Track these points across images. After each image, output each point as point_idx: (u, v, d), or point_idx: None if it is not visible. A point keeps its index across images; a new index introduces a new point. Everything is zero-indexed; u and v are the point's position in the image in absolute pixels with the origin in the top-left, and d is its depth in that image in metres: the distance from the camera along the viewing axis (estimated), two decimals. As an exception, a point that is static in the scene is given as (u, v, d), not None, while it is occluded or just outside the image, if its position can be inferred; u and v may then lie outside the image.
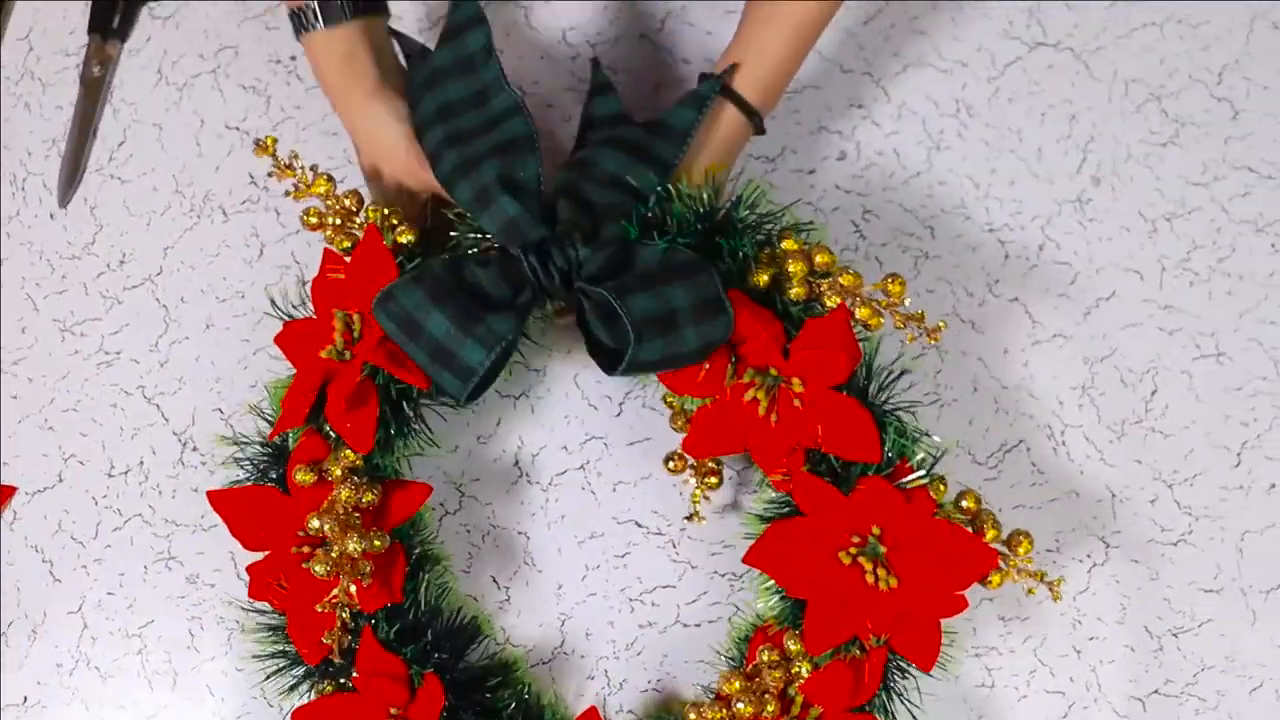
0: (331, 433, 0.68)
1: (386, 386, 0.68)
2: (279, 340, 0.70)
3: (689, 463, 0.75)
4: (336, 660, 0.66)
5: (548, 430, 0.79)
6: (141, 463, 0.79)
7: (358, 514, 0.66)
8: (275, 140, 0.70)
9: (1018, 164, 0.82)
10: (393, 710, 0.66)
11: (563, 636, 0.76)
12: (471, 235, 0.71)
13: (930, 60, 0.84)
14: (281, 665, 0.69)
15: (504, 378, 0.76)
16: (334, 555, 0.64)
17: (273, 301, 0.74)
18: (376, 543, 0.65)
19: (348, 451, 0.67)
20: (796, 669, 0.65)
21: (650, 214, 0.69)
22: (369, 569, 0.65)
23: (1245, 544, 0.76)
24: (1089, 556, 0.76)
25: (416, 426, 0.71)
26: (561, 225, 0.67)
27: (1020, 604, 0.75)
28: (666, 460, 0.75)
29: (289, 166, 0.71)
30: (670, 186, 0.69)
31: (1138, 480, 0.77)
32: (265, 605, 0.69)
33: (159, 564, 0.77)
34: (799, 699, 0.66)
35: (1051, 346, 0.79)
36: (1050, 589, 0.64)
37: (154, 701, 0.75)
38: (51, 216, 0.84)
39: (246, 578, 0.68)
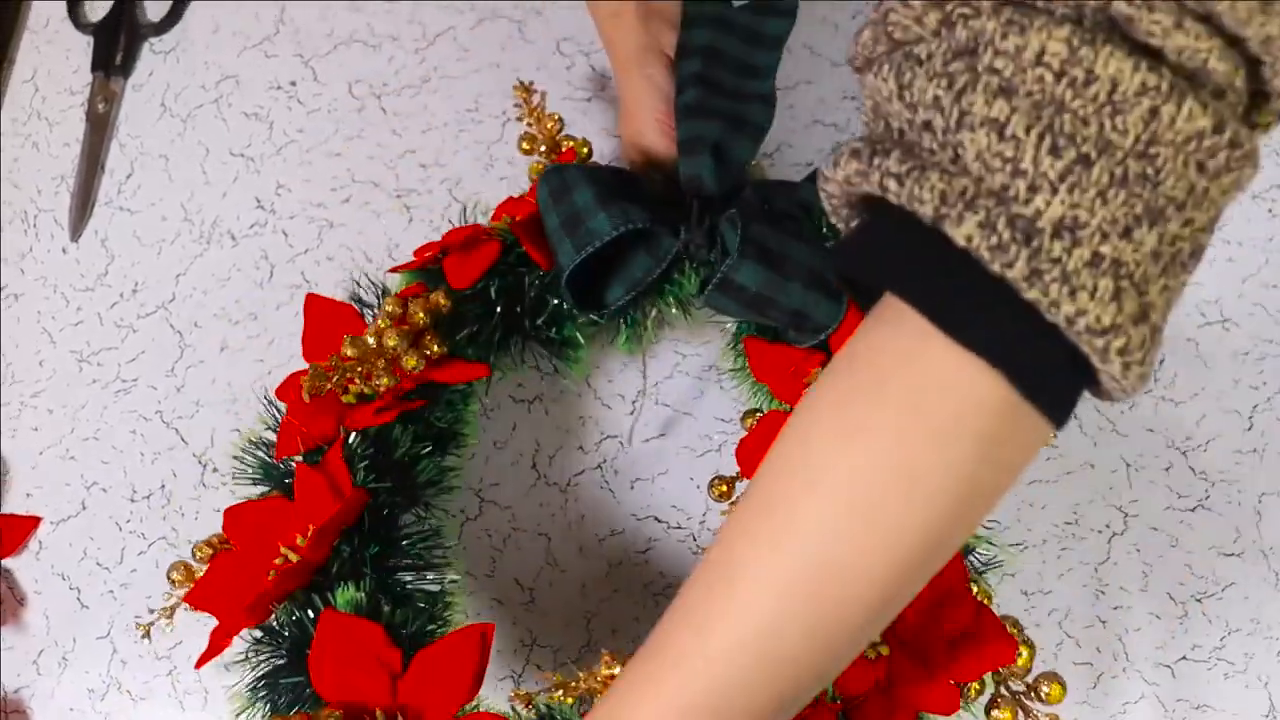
0: (439, 278, 0.71)
1: (511, 265, 0.72)
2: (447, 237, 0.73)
3: (735, 491, 0.73)
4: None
5: (563, 432, 0.82)
6: (163, 486, 0.82)
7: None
8: (533, 85, 0.76)
9: (1013, 146, 0.85)
10: (311, 528, 0.62)
11: (589, 635, 0.79)
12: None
13: (920, 50, 0.88)
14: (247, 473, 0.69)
15: (519, 374, 0.80)
16: (371, 343, 0.65)
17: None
18: (435, 347, 0.67)
19: (440, 295, 0.69)
20: None
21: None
22: (416, 362, 0.66)
23: (1263, 506, 0.78)
24: (1108, 526, 0.78)
25: (517, 345, 0.75)
26: (739, 202, 0.69)
27: (1042, 577, 0.77)
28: (711, 485, 0.74)
29: (533, 111, 0.76)
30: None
31: (1152, 449, 0.79)
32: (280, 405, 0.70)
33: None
34: None
35: (1057, 322, 0.82)
36: None
37: (187, 721, 0.78)
38: (64, 251, 0.88)
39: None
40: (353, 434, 0.66)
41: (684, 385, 0.81)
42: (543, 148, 0.76)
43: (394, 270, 0.73)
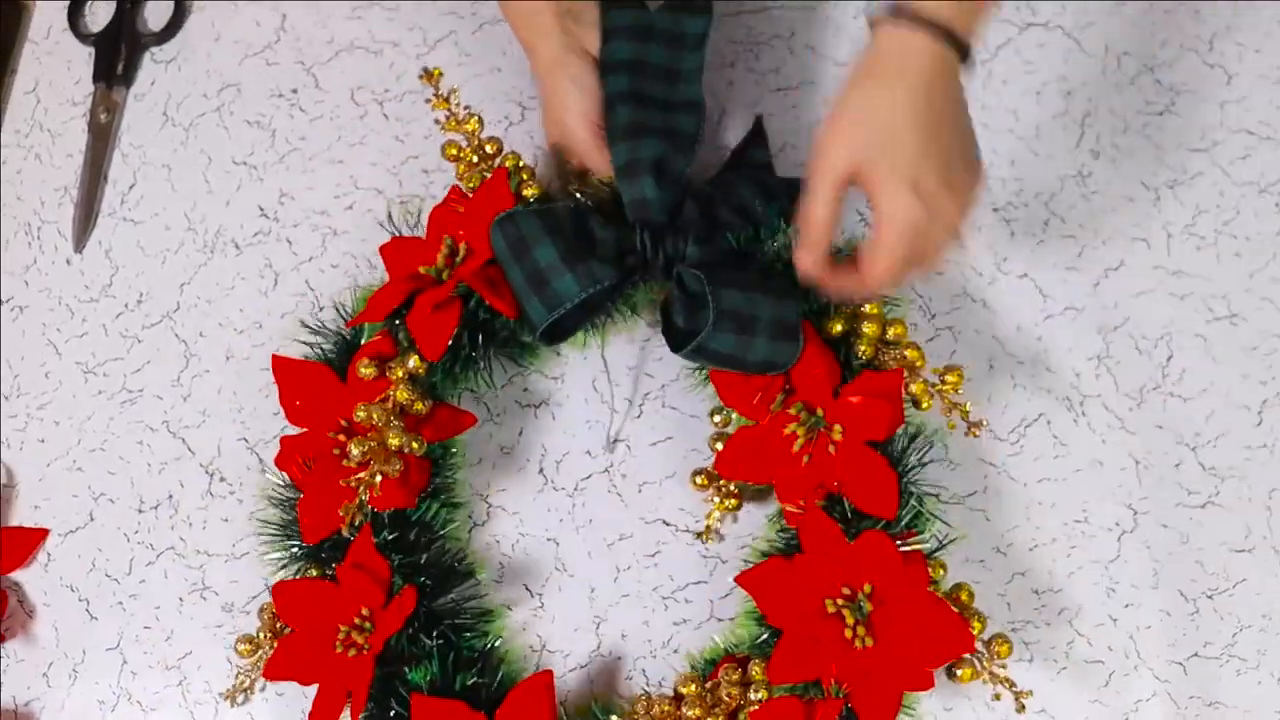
0: (404, 340, 0.75)
1: (474, 312, 0.75)
2: (384, 250, 0.79)
3: (715, 482, 0.78)
4: (330, 546, 0.74)
5: (570, 436, 0.83)
6: (170, 496, 0.83)
7: (404, 416, 0.73)
8: (441, 72, 0.79)
9: (1017, 143, 0.86)
10: (364, 610, 0.72)
11: (599, 640, 0.79)
12: (591, 199, 0.78)
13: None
14: (280, 539, 0.76)
15: (525, 380, 0.81)
16: (373, 443, 0.70)
17: (389, 216, 0.83)
18: (415, 444, 0.71)
19: (415, 358, 0.74)
20: (753, 694, 0.69)
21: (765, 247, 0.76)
22: (399, 466, 0.71)
23: (1273, 501, 0.79)
24: (1117, 524, 0.79)
25: (483, 365, 0.78)
26: (683, 220, 0.74)
27: (1052, 576, 0.78)
28: (694, 475, 0.78)
29: (446, 99, 0.79)
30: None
31: (1160, 446, 0.80)
32: (284, 477, 0.77)
33: (194, 595, 0.81)
34: None
35: (1064, 319, 0.82)
36: (1017, 698, 0.68)
37: (197, 731, 0.79)
38: (68, 262, 0.89)
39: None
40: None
41: (689, 389, 0.82)
42: (474, 159, 0.79)
43: (354, 323, 0.77)
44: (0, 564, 0.81)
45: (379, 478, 0.70)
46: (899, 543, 0.69)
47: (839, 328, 0.74)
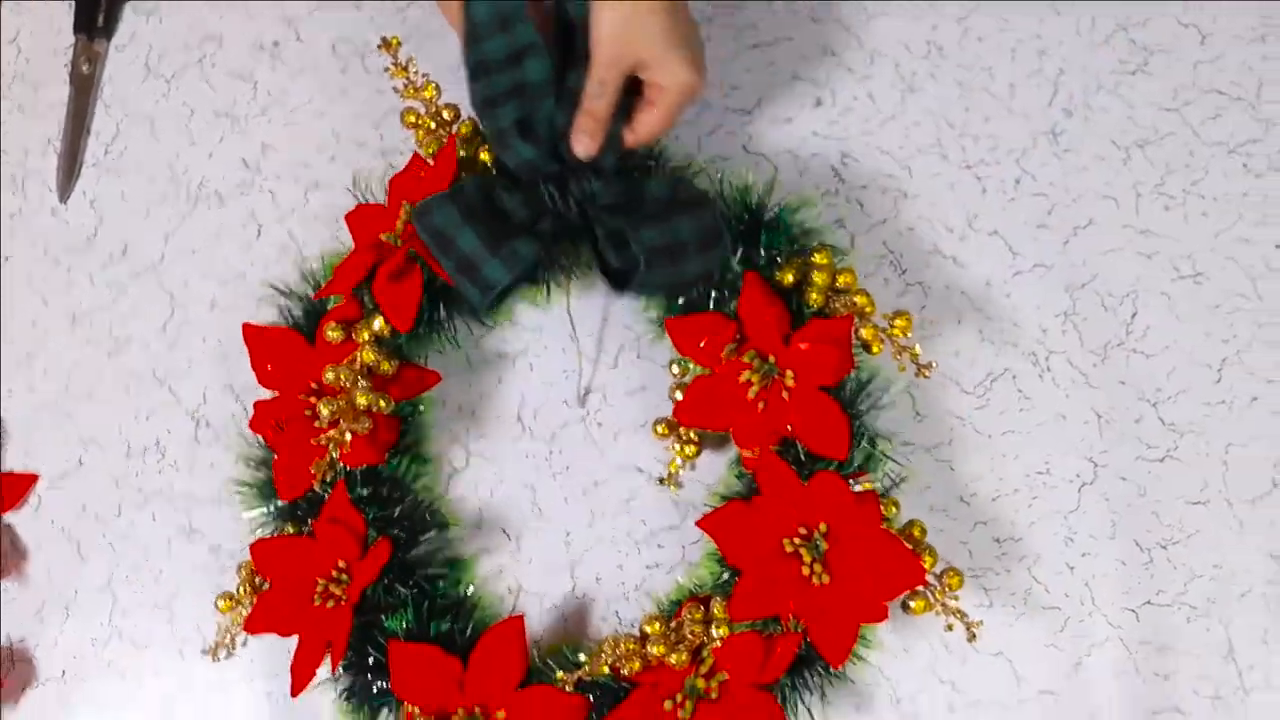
0: (369, 303, 0.78)
1: (431, 280, 0.78)
2: (348, 218, 0.81)
3: (675, 431, 0.81)
4: (306, 503, 0.78)
5: (548, 386, 0.85)
6: (158, 442, 0.86)
7: (372, 376, 0.76)
8: (399, 41, 0.82)
9: (991, 101, 0.88)
10: (340, 563, 0.75)
11: (574, 582, 0.83)
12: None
13: (900, 4, 0.90)
14: (258, 499, 0.80)
15: (504, 331, 0.84)
16: (342, 402, 0.74)
17: (355, 182, 0.85)
18: (382, 403, 0.75)
19: (380, 320, 0.77)
20: (715, 631, 0.72)
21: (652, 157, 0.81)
22: (368, 424, 0.74)
23: (1230, 456, 0.82)
24: (1078, 476, 0.82)
25: (446, 326, 0.82)
26: (570, 160, 0.76)
27: (1013, 525, 0.81)
28: (655, 424, 0.81)
29: (404, 67, 0.82)
30: (730, 182, 0.81)
31: (1122, 401, 0.83)
32: (259, 439, 0.80)
33: (181, 537, 0.84)
34: (709, 660, 0.73)
35: (1033, 276, 0.85)
36: (968, 629, 0.71)
37: (186, 668, 0.82)
38: (53, 212, 0.90)
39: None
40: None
41: (655, 340, 0.84)
42: (432, 124, 0.81)
43: (320, 295, 0.80)
44: (-8, 507, 0.85)
45: (348, 435, 0.73)
46: (851, 482, 0.73)
47: (790, 278, 0.77)
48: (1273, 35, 0.87)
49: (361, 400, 0.74)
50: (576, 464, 0.84)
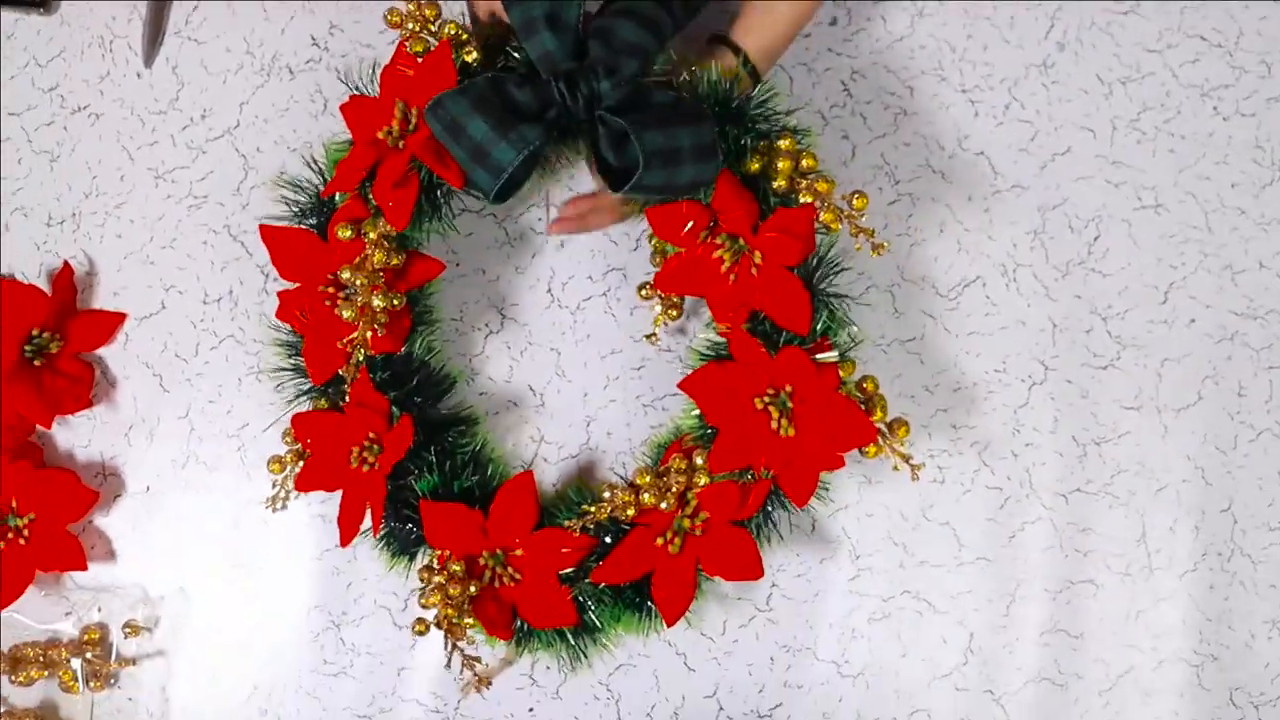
0: (373, 202, 0.86)
1: (428, 180, 0.87)
2: (344, 109, 0.88)
3: (658, 294, 0.93)
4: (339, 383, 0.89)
5: (575, 262, 0.98)
6: (231, 291, 0.99)
7: (383, 274, 0.86)
8: None
9: (991, 30, 0.98)
10: (370, 434, 0.89)
11: (588, 435, 0.97)
12: (516, 56, 0.87)
13: (918, -68, 0.99)
14: (292, 378, 0.92)
15: (540, 210, 0.96)
16: (359, 304, 0.84)
17: (345, 74, 0.94)
18: (395, 302, 0.86)
19: (384, 221, 0.85)
20: (697, 479, 0.86)
21: (669, 79, 0.85)
22: (385, 320, 0.85)
23: (1164, 370, 0.95)
24: (1030, 376, 0.95)
25: (444, 212, 0.89)
26: (590, 60, 0.82)
27: (969, 414, 0.95)
28: (640, 288, 0.94)
29: None
30: (697, 68, 0.86)
31: (1076, 313, 0.96)
32: (287, 326, 0.91)
33: (250, 376, 0.98)
34: (694, 502, 0.87)
35: (1010, 195, 0.96)
36: (912, 470, 0.83)
37: (252, 489, 0.97)
38: (139, 76, 1.01)
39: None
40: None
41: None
42: (415, 26, 0.87)
43: (327, 193, 0.89)
44: (87, 341, 0.98)
45: (369, 334, 0.84)
46: (813, 356, 0.84)
47: (755, 167, 0.85)
48: (1256, -13, 0.97)
49: (378, 302, 0.84)
50: (596, 333, 0.98)
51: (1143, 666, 0.94)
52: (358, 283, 0.85)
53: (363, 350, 0.85)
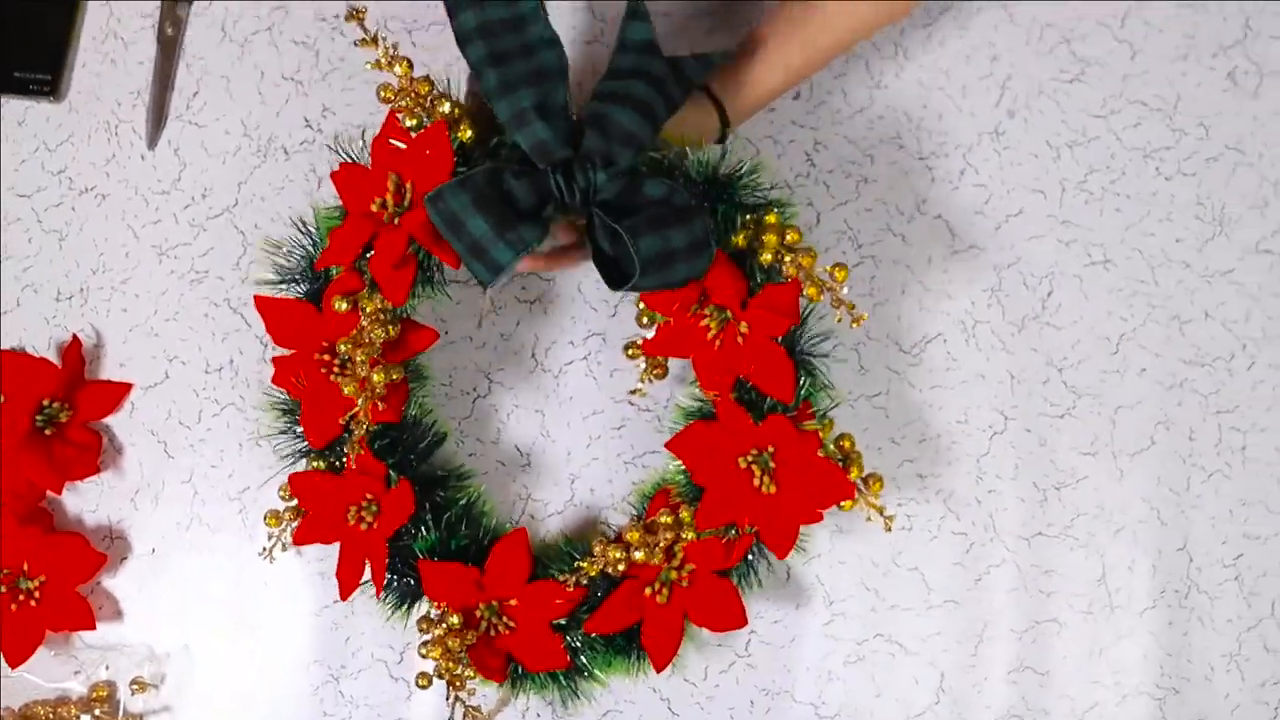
0: (369, 277, 0.89)
1: (425, 257, 0.90)
2: (336, 176, 0.90)
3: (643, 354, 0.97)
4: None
5: (558, 328, 1.04)
6: (231, 361, 1.05)
7: (381, 346, 0.89)
8: (365, 11, 0.88)
9: (945, 100, 1.04)
10: (368, 495, 0.93)
11: (572, 492, 1.02)
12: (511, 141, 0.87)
13: (875, 10, 1.05)
14: (288, 440, 0.96)
15: (523, 289, 1.01)
16: (359, 377, 0.88)
17: (335, 140, 0.96)
18: (394, 375, 0.90)
19: (381, 297, 0.89)
20: (685, 534, 0.91)
21: (662, 157, 0.88)
22: (383, 393, 0.89)
23: (1118, 416, 1.01)
24: (990, 426, 1.01)
25: (439, 286, 0.92)
26: (585, 149, 0.84)
27: (934, 463, 1.00)
28: (626, 347, 0.97)
29: (375, 39, 0.89)
30: (688, 149, 0.89)
31: (1033, 365, 1.01)
32: (282, 391, 0.95)
33: (250, 441, 1.04)
34: (680, 554, 0.92)
35: (968, 255, 1.02)
36: (885, 521, 0.88)
37: (253, 549, 1.02)
38: (143, 158, 1.08)
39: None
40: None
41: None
42: (406, 102, 0.89)
43: (321, 265, 0.92)
44: (95, 410, 1.04)
45: (369, 408, 0.88)
46: (797, 424, 0.89)
47: (742, 241, 0.89)
48: (1194, 55, 1.04)
49: (378, 378, 0.88)
50: (578, 395, 1.03)
51: (1107, 702, 0.99)
52: (357, 358, 0.88)
53: (364, 425, 0.89)
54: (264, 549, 0.95)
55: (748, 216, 0.90)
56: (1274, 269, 1.02)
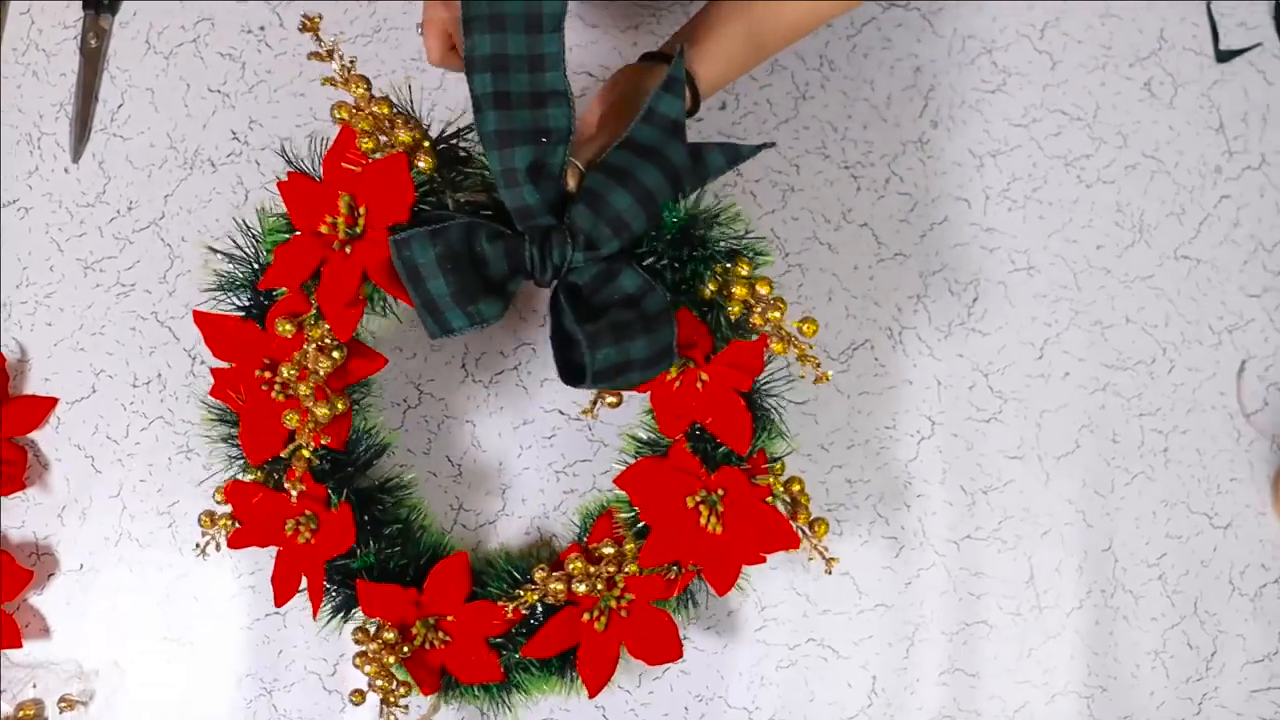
0: (314, 300, 0.86)
1: (374, 289, 0.88)
2: (283, 187, 0.86)
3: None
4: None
5: (487, 338, 1.05)
6: (160, 375, 1.05)
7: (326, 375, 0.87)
8: (319, 19, 0.83)
9: (870, 110, 1.06)
10: (306, 511, 0.91)
11: (504, 502, 1.03)
12: (468, 171, 0.85)
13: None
14: (225, 451, 0.94)
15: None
16: (305, 409, 0.85)
17: (283, 149, 0.90)
18: (340, 406, 0.89)
19: (326, 326, 0.85)
20: (628, 566, 0.91)
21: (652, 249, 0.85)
22: (326, 424, 0.87)
23: (1043, 420, 1.03)
24: (919, 431, 1.03)
25: (385, 310, 0.90)
26: (570, 222, 0.81)
27: (863, 469, 1.02)
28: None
29: (330, 53, 0.82)
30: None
31: (959, 370, 1.04)
32: (220, 403, 0.93)
33: (180, 455, 1.04)
34: (621, 584, 0.92)
35: (894, 263, 1.05)
36: (827, 564, 0.87)
37: (184, 563, 1.02)
38: (66, 171, 1.08)
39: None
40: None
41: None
42: (364, 125, 0.82)
43: (265, 285, 0.87)
44: (19, 425, 1.03)
45: (310, 444, 0.87)
46: (750, 477, 0.88)
47: (710, 292, 0.86)
48: (1111, 65, 1.06)
49: (323, 413, 0.86)
50: (509, 405, 1.04)
51: (1036, 701, 1.01)
52: (301, 391, 0.86)
53: (305, 460, 0.88)
54: (197, 544, 0.92)
55: (717, 267, 0.86)
56: (1191, 274, 1.05)
